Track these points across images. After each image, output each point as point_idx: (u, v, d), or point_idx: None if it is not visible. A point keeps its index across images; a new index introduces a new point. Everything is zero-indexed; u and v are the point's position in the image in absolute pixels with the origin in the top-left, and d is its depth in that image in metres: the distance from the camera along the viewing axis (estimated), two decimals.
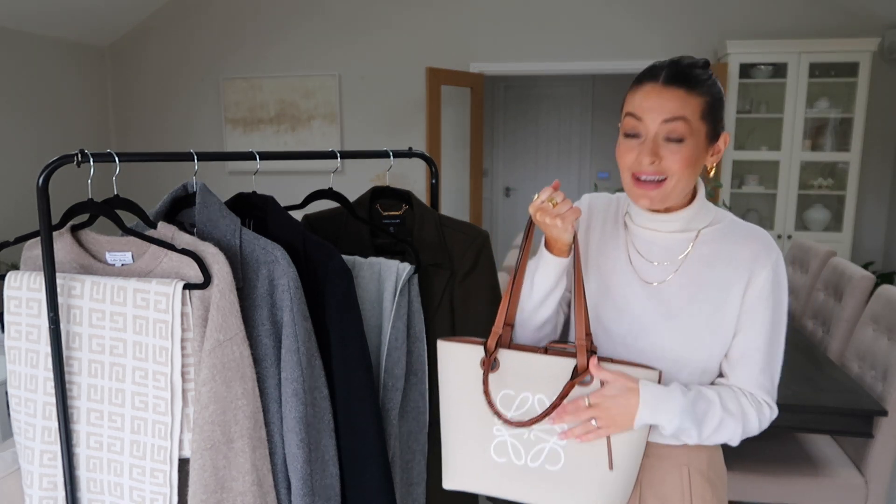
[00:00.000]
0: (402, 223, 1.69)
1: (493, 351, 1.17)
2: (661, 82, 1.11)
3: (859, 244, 4.75)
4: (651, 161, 1.11)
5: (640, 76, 1.16)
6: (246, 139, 5.52)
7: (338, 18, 5.26)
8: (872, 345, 2.45)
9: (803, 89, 4.38)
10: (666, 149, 1.11)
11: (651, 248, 1.21)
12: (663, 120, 1.10)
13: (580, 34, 4.98)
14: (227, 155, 1.45)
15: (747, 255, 1.16)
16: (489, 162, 6.75)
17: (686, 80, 1.11)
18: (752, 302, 1.16)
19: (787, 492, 2.30)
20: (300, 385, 1.28)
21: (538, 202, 1.11)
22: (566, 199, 1.10)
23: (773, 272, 1.16)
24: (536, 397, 1.14)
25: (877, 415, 2.11)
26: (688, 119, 1.10)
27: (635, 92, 1.15)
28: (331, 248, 1.36)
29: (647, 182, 1.13)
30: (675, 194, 1.14)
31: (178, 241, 1.25)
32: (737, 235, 1.19)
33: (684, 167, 1.11)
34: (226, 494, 1.25)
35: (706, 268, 1.17)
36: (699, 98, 1.11)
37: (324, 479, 1.33)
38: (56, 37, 5.13)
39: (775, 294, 1.16)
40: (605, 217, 1.29)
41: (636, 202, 1.17)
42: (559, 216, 1.10)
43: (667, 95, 1.10)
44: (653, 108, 1.11)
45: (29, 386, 1.32)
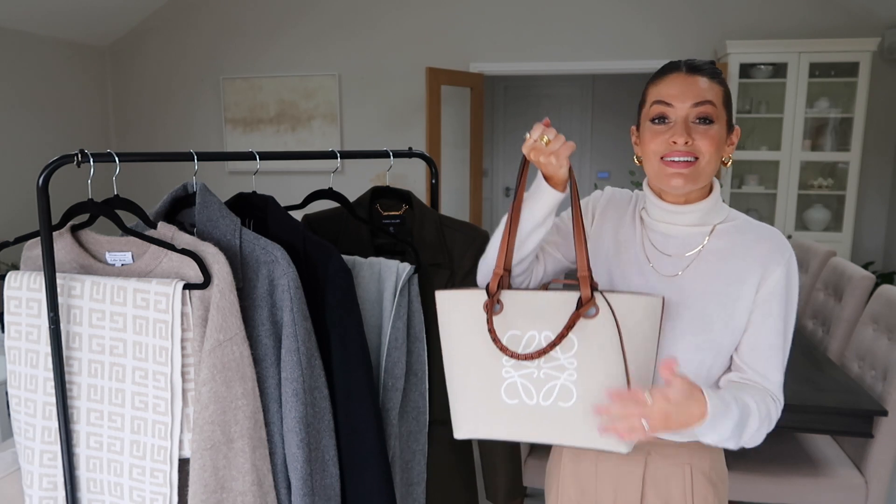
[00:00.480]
0: (403, 223, 1.69)
1: (496, 292, 1.17)
2: (684, 72, 1.17)
3: (859, 244, 4.75)
4: (685, 141, 1.13)
5: (660, 71, 1.21)
6: (246, 139, 5.52)
7: (338, 18, 5.26)
8: (872, 345, 2.45)
9: (803, 89, 4.38)
10: (696, 130, 1.14)
11: (667, 241, 1.23)
12: (693, 103, 1.14)
13: (580, 34, 4.98)
14: (227, 155, 1.45)
15: (762, 251, 1.18)
16: (489, 162, 6.75)
17: (706, 71, 1.17)
18: (764, 298, 1.17)
19: (787, 492, 2.30)
20: (300, 385, 1.28)
21: (530, 142, 1.10)
22: (558, 135, 1.10)
23: (787, 270, 1.18)
24: (543, 334, 1.14)
25: (877, 415, 2.11)
26: (713, 103, 1.15)
27: (659, 82, 1.19)
28: (331, 247, 1.36)
29: (680, 162, 1.15)
30: (704, 175, 1.16)
31: (178, 241, 1.25)
32: (751, 233, 1.21)
33: (714, 148, 1.15)
34: (226, 494, 1.25)
35: (720, 262, 1.19)
36: (720, 86, 1.17)
37: (324, 479, 1.33)
38: (56, 37, 5.13)
39: (788, 292, 1.18)
40: (624, 211, 1.30)
41: (668, 183, 1.17)
42: (553, 153, 1.10)
43: (692, 81, 1.15)
44: (682, 94, 1.15)
45: (29, 386, 1.32)
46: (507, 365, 1.16)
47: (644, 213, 1.27)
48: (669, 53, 4.81)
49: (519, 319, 1.16)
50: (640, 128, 1.22)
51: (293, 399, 1.28)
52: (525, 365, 1.15)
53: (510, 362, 1.16)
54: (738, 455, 2.36)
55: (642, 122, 1.21)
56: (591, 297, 1.13)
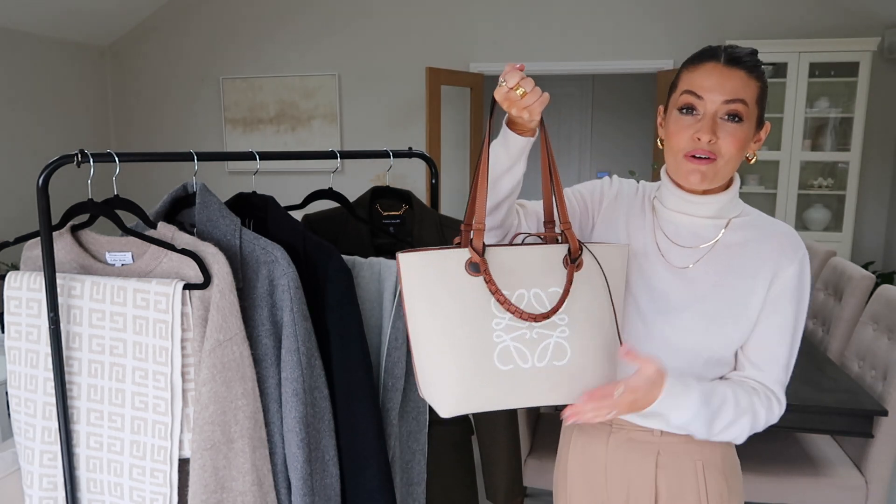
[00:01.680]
0: (403, 223, 1.69)
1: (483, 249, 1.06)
2: (722, 62, 1.11)
3: (859, 244, 4.75)
4: (710, 139, 1.09)
5: (697, 56, 1.14)
6: (246, 139, 5.51)
7: (338, 18, 5.26)
8: (872, 345, 2.45)
9: (803, 89, 4.38)
10: (723, 129, 1.10)
11: (680, 232, 1.20)
12: (725, 100, 1.09)
13: (580, 34, 4.98)
14: (227, 155, 1.45)
15: (776, 247, 1.16)
16: None
17: (746, 64, 1.11)
18: (776, 295, 1.15)
19: (787, 492, 2.30)
20: (300, 385, 1.28)
21: (504, 89, 0.99)
22: (536, 87, 1.00)
23: (800, 268, 1.16)
24: (532, 292, 1.07)
25: (877, 415, 2.11)
26: (746, 102, 1.10)
27: (694, 70, 1.13)
28: (330, 247, 1.36)
29: (701, 159, 1.11)
30: (722, 175, 1.14)
31: (178, 242, 1.25)
32: (766, 229, 1.19)
33: (737, 149, 1.11)
34: (226, 494, 1.25)
35: (734, 256, 1.17)
36: (756, 82, 1.12)
37: (324, 479, 1.33)
38: (56, 37, 5.13)
39: (799, 290, 1.16)
40: (632, 201, 1.27)
41: (686, 178, 1.14)
42: (527, 108, 1.01)
43: (729, 75, 1.10)
44: (714, 88, 1.10)
45: (29, 386, 1.32)
46: (498, 328, 1.06)
47: (657, 201, 1.24)
48: (669, 53, 4.81)
49: (505, 277, 1.06)
50: (668, 112, 1.17)
51: (293, 399, 1.28)
52: (517, 326, 1.06)
53: (500, 325, 1.06)
54: (739, 455, 2.35)
55: (670, 108, 1.16)
56: (580, 250, 1.09)
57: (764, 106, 1.15)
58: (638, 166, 6.04)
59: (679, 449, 1.22)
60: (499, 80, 1.01)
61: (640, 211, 1.25)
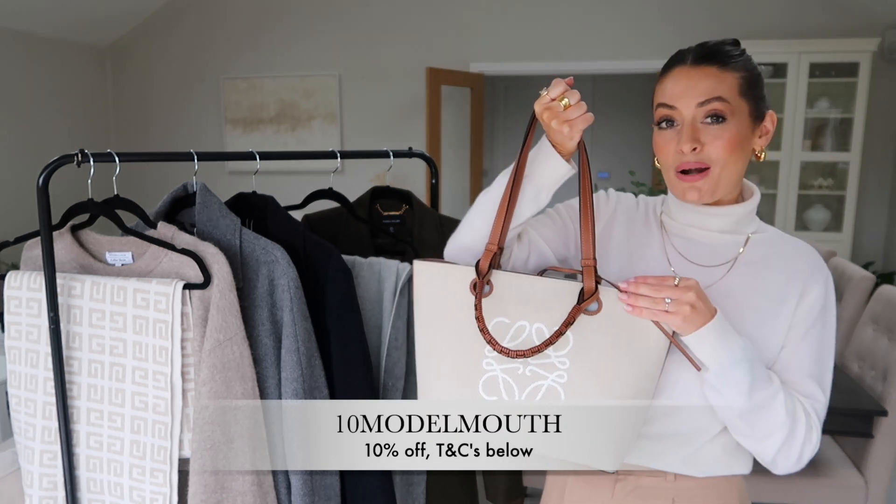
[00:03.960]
0: (403, 223, 1.69)
1: (487, 272, 1.01)
2: (689, 64, 1.02)
3: (859, 244, 4.75)
4: (692, 147, 0.99)
5: (666, 64, 1.06)
6: (246, 139, 5.51)
7: (338, 18, 5.26)
8: (872, 345, 2.45)
9: (803, 89, 4.37)
10: (707, 133, 1.00)
11: (694, 248, 1.09)
12: (698, 103, 1.00)
13: (580, 34, 4.98)
14: (227, 155, 1.45)
15: (802, 266, 1.06)
16: (489, 162, 6.74)
17: (716, 58, 1.01)
18: (802, 317, 1.04)
19: (787, 492, 2.29)
20: (300, 385, 1.28)
21: (547, 99, 0.93)
22: (581, 101, 0.93)
23: (826, 289, 1.06)
24: (534, 326, 0.99)
25: (877, 415, 2.11)
26: (725, 98, 0.99)
27: (663, 80, 1.04)
28: (330, 247, 1.36)
29: (693, 173, 1.01)
30: (724, 183, 1.03)
31: (178, 241, 1.25)
32: (787, 246, 1.09)
33: (729, 151, 1.00)
34: (225, 494, 1.25)
35: (757, 274, 1.06)
36: (734, 73, 1.01)
37: (324, 479, 1.33)
38: (56, 37, 5.13)
39: (827, 312, 1.06)
40: (633, 217, 1.15)
41: (685, 197, 1.04)
42: (568, 122, 0.93)
43: (698, 76, 1.00)
44: (685, 92, 1.00)
45: (29, 386, 1.32)
46: (490, 356, 1.00)
47: (665, 216, 1.12)
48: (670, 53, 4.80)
49: (509, 306, 1.00)
50: (653, 133, 1.07)
51: (293, 399, 1.28)
52: (509, 359, 0.99)
53: (493, 353, 1.00)
54: None
55: (654, 126, 1.06)
56: (596, 291, 0.97)
57: (758, 95, 1.03)
58: (638, 166, 6.03)
59: (696, 494, 1.09)
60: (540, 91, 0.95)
61: (645, 227, 1.14)
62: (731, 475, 1.11)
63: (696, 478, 1.09)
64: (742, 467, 1.12)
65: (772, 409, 0.99)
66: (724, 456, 1.09)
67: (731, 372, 0.97)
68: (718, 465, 1.09)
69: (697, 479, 1.09)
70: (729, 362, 0.97)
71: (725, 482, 1.11)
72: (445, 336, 1.04)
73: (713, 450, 1.08)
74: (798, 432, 1.01)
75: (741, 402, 0.98)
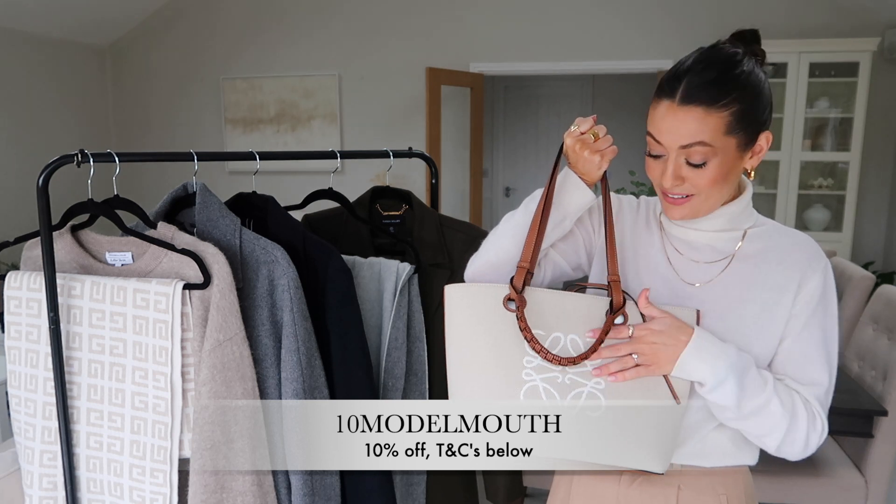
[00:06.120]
0: (403, 223, 1.69)
1: (522, 289, 1.07)
2: (676, 102, 1.01)
3: (859, 244, 4.75)
4: (675, 184, 1.04)
5: (659, 87, 1.05)
6: (246, 139, 5.51)
7: (338, 18, 5.26)
8: (872, 345, 2.45)
9: (803, 89, 4.37)
10: (689, 171, 1.04)
11: (693, 247, 1.13)
12: (680, 146, 1.02)
13: (580, 34, 4.98)
14: (227, 155, 1.45)
15: (800, 257, 1.09)
16: (489, 162, 6.75)
17: (704, 97, 1.00)
18: (802, 306, 1.07)
19: (787, 492, 2.30)
20: (300, 385, 1.28)
21: (577, 132, 1.04)
22: (608, 134, 1.03)
23: (825, 278, 1.08)
24: (569, 337, 1.06)
25: (877, 415, 2.11)
26: (707, 142, 1.01)
27: (655, 108, 1.06)
28: (330, 247, 1.36)
29: (676, 198, 1.07)
30: (709, 205, 1.07)
31: (178, 241, 1.25)
32: (785, 238, 1.12)
33: (712, 183, 1.04)
34: (226, 495, 1.25)
35: (756, 268, 1.09)
36: (722, 113, 1.00)
37: (324, 480, 1.33)
38: (56, 37, 5.13)
39: (827, 301, 1.08)
40: (635, 218, 1.20)
41: (670, 215, 1.10)
42: (599, 152, 1.05)
43: (682, 117, 1.01)
44: (669, 131, 1.03)
45: (29, 386, 1.32)
46: (529, 367, 1.06)
47: (663, 217, 1.16)
48: (669, 54, 4.81)
49: (544, 319, 1.07)
50: None
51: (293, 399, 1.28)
52: (549, 368, 1.05)
53: (532, 364, 1.06)
54: None
55: None
56: (623, 304, 1.05)
57: (749, 123, 1.02)
58: (638, 167, 6.02)
59: (701, 484, 1.12)
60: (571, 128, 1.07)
61: (646, 227, 1.18)
62: (737, 465, 1.14)
63: (703, 468, 1.12)
64: (749, 458, 1.15)
65: (767, 412, 1.03)
66: (730, 447, 1.12)
67: (718, 390, 1.02)
68: (725, 457, 1.13)
69: (704, 468, 1.12)
70: (714, 382, 1.01)
71: (732, 473, 1.14)
72: (482, 353, 1.08)
73: (720, 440, 1.12)
74: (799, 425, 1.04)
75: (732, 413, 1.03)
